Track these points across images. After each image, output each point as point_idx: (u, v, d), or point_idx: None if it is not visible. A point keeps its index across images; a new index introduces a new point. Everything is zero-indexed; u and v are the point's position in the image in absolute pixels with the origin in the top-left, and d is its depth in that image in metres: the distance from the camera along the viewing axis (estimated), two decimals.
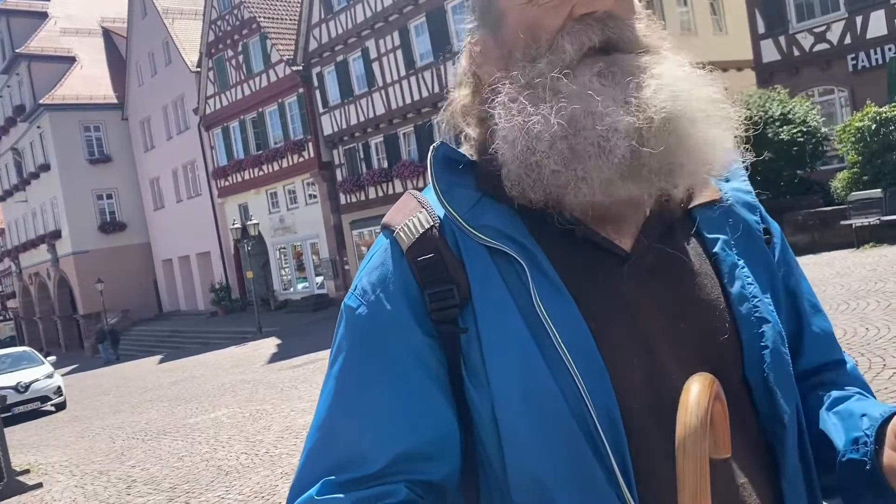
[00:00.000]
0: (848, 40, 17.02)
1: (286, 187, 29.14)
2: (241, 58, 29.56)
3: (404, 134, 24.02)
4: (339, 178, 26.58)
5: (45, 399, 16.73)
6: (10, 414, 15.16)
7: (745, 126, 0.88)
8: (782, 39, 18.05)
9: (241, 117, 30.23)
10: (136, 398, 15.80)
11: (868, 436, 0.83)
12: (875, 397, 0.96)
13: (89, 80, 38.09)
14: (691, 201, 0.91)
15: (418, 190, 0.94)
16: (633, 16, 0.86)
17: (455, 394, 0.85)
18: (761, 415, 0.86)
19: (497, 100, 0.85)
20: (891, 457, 0.77)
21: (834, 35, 17.22)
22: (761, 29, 18.36)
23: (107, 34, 40.31)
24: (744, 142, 0.90)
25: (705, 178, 0.87)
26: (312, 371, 13.36)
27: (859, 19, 16.72)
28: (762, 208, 0.97)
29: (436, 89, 21.86)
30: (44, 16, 39.87)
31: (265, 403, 11.17)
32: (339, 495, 0.80)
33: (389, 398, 0.84)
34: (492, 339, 0.82)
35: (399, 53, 23.25)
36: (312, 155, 26.97)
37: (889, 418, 0.82)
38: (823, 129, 15.72)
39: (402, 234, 0.88)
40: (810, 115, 15.54)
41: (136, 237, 38.48)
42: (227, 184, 31.70)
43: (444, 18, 21.42)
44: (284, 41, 27.45)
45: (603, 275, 0.85)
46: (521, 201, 0.85)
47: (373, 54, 24.15)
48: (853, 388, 0.95)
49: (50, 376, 17.18)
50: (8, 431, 10.36)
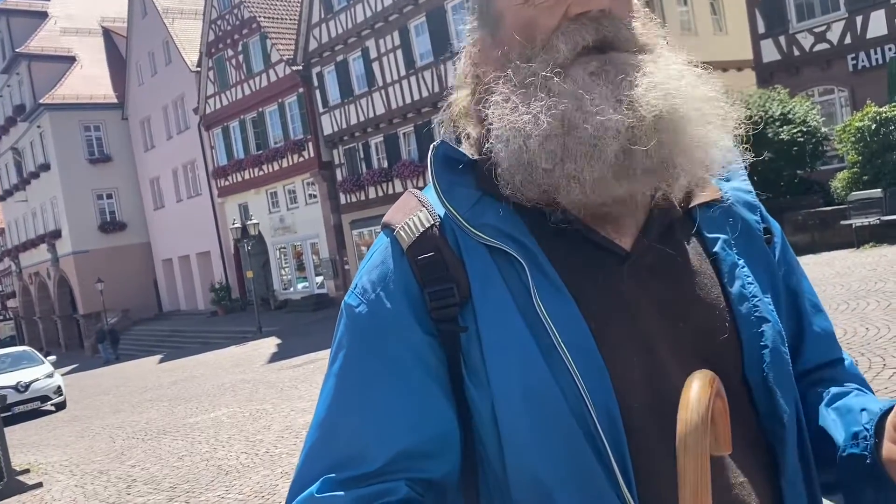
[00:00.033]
0: (848, 40, 17.01)
1: (286, 187, 29.14)
2: (241, 57, 29.56)
3: (404, 134, 24.02)
4: (339, 177, 26.58)
5: (45, 399, 16.73)
6: (10, 413, 15.16)
7: (745, 126, 0.88)
8: (782, 39, 18.05)
9: (241, 117, 30.23)
10: (136, 398, 15.80)
11: (867, 430, 0.83)
12: (874, 394, 0.96)
13: (89, 79, 38.09)
14: (691, 201, 0.91)
15: (418, 189, 0.94)
16: (629, 14, 0.86)
17: (455, 392, 0.85)
18: (761, 414, 0.86)
19: (491, 99, 0.85)
20: (890, 449, 0.77)
21: (834, 35, 17.22)
22: (761, 29, 18.36)
23: (107, 34, 40.31)
24: (743, 141, 0.89)
25: (703, 177, 0.87)
26: (312, 371, 13.35)
27: (859, 19, 16.72)
28: (762, 208, 0.97)
29: (436, 89, 21.85)
30: (44, 15, 39.87)
31: (265, 403, 11.17)
32: (339, 493, 0.80)
33: (389, 396, 0.84)
34: (492, 337, 0.82)
35: (399, 53, 23.25)
36: (312, 155, 26.97)
37: (888, 412, 0.82)
38: (823, 129, 15.72)
39: (402, 232, 0.88)
40: (810, 115, 15.54)
41: (136, 237, 38.48)
42: (227, 183, 31.70)
43: (444, 18, 21.41)
44: (284, 41, 27.44)
45: (603, 274, 0.84)
46: (517, 200, 0.85)
47: (373, 54, 24.14)
48: (852, 385, 0.95)
49: (50, 376, 17.18)
50: (8, 431, 10.35)
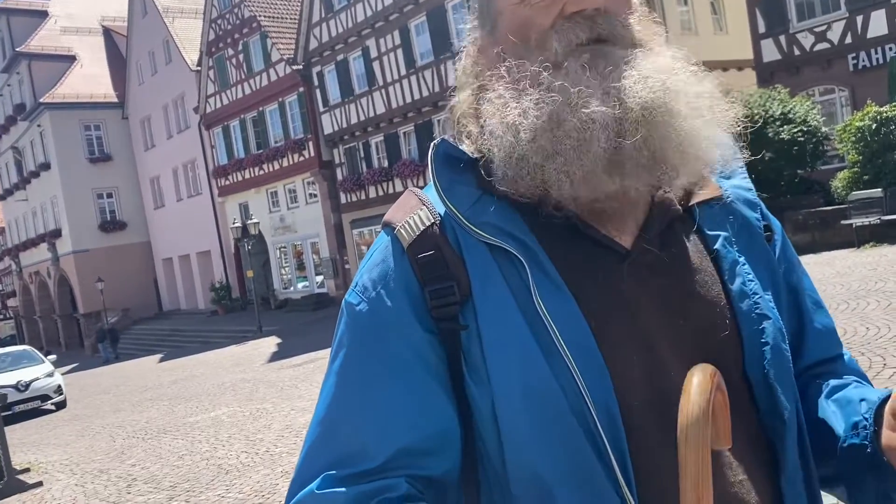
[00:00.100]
0: (849, 40, 17.00)
1: (286, 186, 29.13)
2: (241, 57, 29.55)
3: (405, 133, 24.01)
4: (339, 177, 26.57)
5: (45, 398, 16.73)
6: (10, 412, 15.16)
7: (743, 124, 0.88)
8: (783, 39, 18.04)
9: (242, 116, 30.22)
10: (136, 397, 15.80)
11: (867, 419, 0.84)
12: (873, 386, 0.96)
13: (90, 78, 38.07)
14: (692, 198, 0.91)
15: (419, 188, 0.94)
16: (626, 11, 0.86)
17: (455, 390, 0.85)
18: (761, 411, 0.86)
19: (486, 96, 0.86)
20: (889, 437, 0.77)
21: (834, 34, 17.21)
22: (762, 28, 18.34)
23: (107, 33, 40.29)
24: (742, 139, 0.89)
25: (698, 173, 0.86)
26: (312, 370, 13.35)
27: (860, 19, 16.71)
28: (763, 205, 0.97)
29: (436, 88, 21.86)
30: (44, 14, 39.85)
31: (265, 402, 11.17)
32: (340, 489, 0.80)
33: (390, 394, 0.84)
34: (492, 336, 0.82)
35: (399, 52, 23.24)
36: (313, 154, 26.96)
37: (885, 400, 0.82)
38: (824, 129, 15.71)
39: (402, 231, 0.88)
40: (811, 115, 15.53)
41: (137, 236, 38.46)
42: (227, 183, 31.70)
43: (445, 18, 21.41)
44: (285, 40, 27.44)
45: (603, 272, 0.84)
46: (512, 195, 0.85)
47: (373, 53, 24.14)
48: (850, 377, 0.95)
49: (50, 375, 17.18)
50: (8, 430, 10.36)
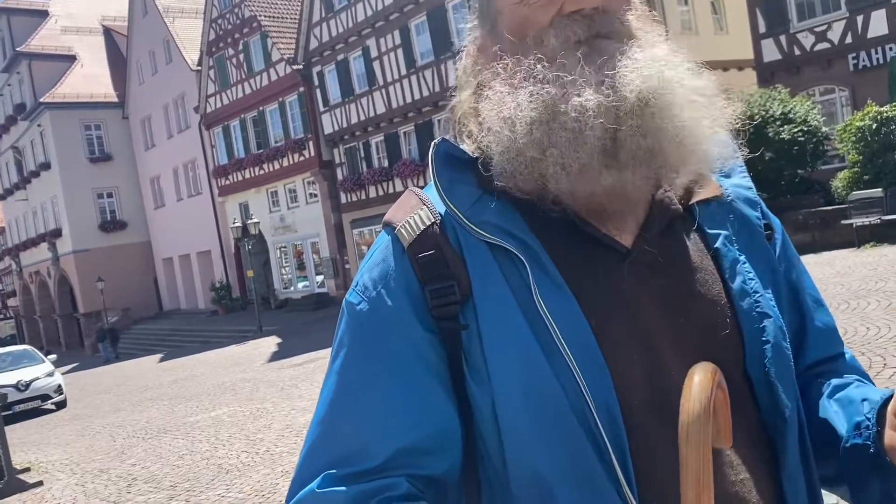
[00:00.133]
0: (849, 40, 16.99)
1: (287, 186, 29.13)
2: (241, 56, 29.55)
3: (405, 133, 24.01)
4: (339, 176, 26.57)
5: (45, 397, 16.73)
6: (10, 412, 15.15)
7: (742, 122, 0.88)
8: (783, 39, 18.03)
9: (242, 116, 30.21)
10: (136, 396, 15.80)
11: (869, 419, 0.84)
12: (874, 385, 0.96)
13: (90, 78, 38.06)
14: (692, 197, 0.91)
15: (419, 188, 0.94)
16: (624, 8, 0.86)
17: (456, 389, 0.85)
18: (762, 409, 0.86)
19: (484, 94, 0.86)
20: (892, 437, 0.77)
21: (835, 34, 17.20)
22: (762, 28, 18.34)
23: (107, 33, 40.28)
24: (740, 136, 0.89)
25: (697, 167, 0.86)
26: (313, 370, 13.36)
27: (860, 18, 16.70)
28: (763, 204, 0.97)
29: (436, 88, 21.85)
30: (44, 14, 39.85)
31: (265, 402, 11.17)
32: (340, 488, 0.80)
33: (390, 393, 0.84)
34: (492, 335, 0.82)
35: (400, 52, 23.24)
36: (313, 154, 26.96)
37: (888, 400, 0.82)
38: (824, 129, 15.70)
39: (403, 231, 0.88)
40: (811, 115, 15.52)
41: (137, 236, 38.46)
42: (227, 182, 31.70)
43: (445, 17, 21.40)
44: (285, 40, 27.43)
45: (603, 271, 0.84)
46: (511, 191, 0.85)
47: (373, 53, 24.13)
48: (852, 376, 0.95)
49: (50, 375, 17.18)
50: (8, 430, 10.36)
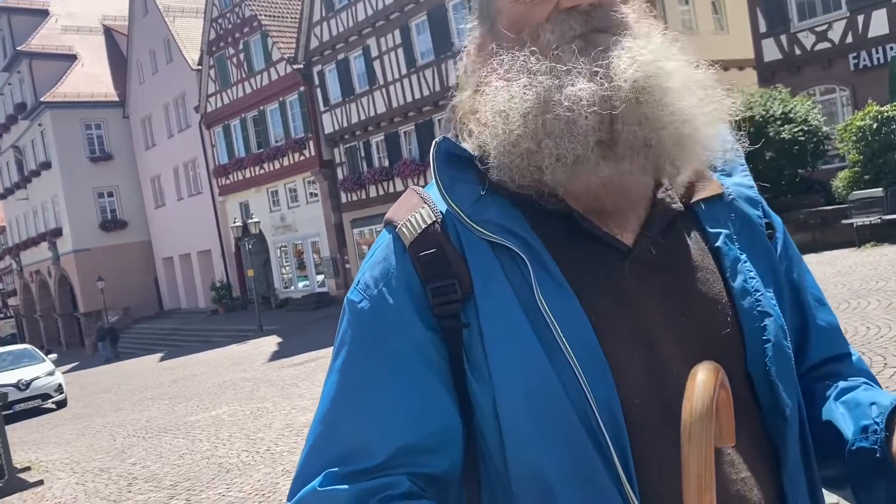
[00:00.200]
0: (849, 39, 16.98)
1: (287, 185, 29.13)
2: (242, 56, 29.54)
3: (405, 132, 24.00)
4: (339, 176, 26.56)
5: (45, 397, 16.73)
6: (11, 411, 15.14)
7: (743, 121, 0.88)
8: (784, 38, 18.02)
9: (242, 115, 30.21)
10: (136, 396, 15.81)
11: (878, 423, 0.83)
12: (882, 389, 0.96)
13: (90, 77, 38.06)
14: (693, 196, 0.91)
15: (420, 187, 0.94)
16: (620, 2, 0.86)
17: (457, 387, 0.85)
18: (763, 408, 0.86)
19: (482, 90, 0.86)
20: None
21: (835, 34, 17.19)
22: (763, 28, 18.33)
23: (108, 32, 40.27)
24: (738, 130, 0.89)
25: (696, 158, 0.86)
26: (313, 369, 13.36)
27: (861, 18, 16.69)
28: (764, 203, 0.96)
29: (437, 88, 21.85)
30: (45, 13, 39.83)
31: (266, 401, 11.17)
32: (342, 486, 0.80)
33: (392, 391, 0.84)
34: (493, 333, 0.82)
35: (400, 52, 23.23)
36: (313, 153, 26.95)
37: None
38: (825, 129, 15.69)
39: (404, 229, 0.88)
40: (811, 114, 15.51)
41: (137, 235, 38.45)
42: (228, 182, 31.70)
43: (446, 17, 21.39)
44: (285, 39, 27.43)
45: (605, 270, 0.84)
46: (508, 186, 0.85)
47: (374, 52, 24.13)
48: (860, 379, 0.95)
49: (51, 374, 17.17)
50: (9, 429, 10.35)
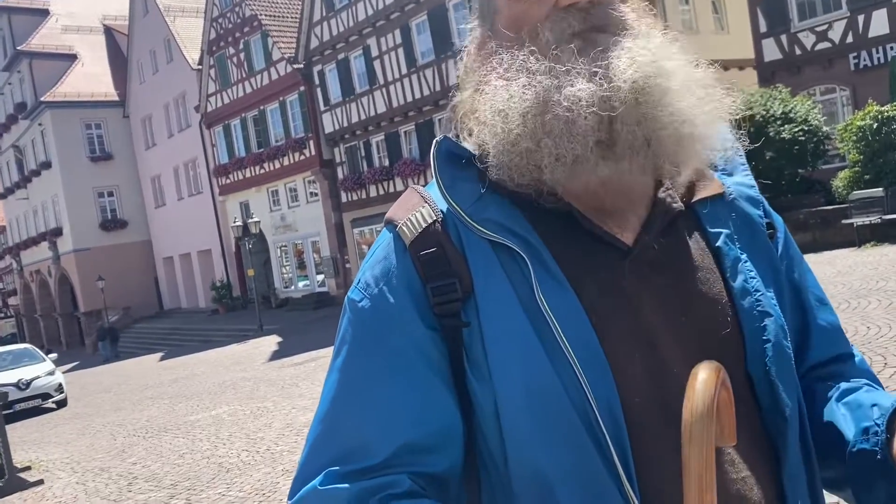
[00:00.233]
0: (850, 39, 16.98)
1: (287, 185, 29.13)
2: (242, 55, 29.54)
3: (405, 132, 24.01)
4: (340, 176, 26.57)
5: (46, 396, 16.73)
6: (11, 411, 15.14)
7: (743, 120, 0.88)
8: (784, 38, 18.02)
9: (243, 115, 30.21)
10: (136, 395, 15.81)
11: (879, 425, 0.83)
12: (884, 390, 0.96)
13: (91, 77, 38.06)
14: (694, 195, 0.91)
15: (421, 186, 0.94)
16: (619, 0, 0.86)
17: (457, 386, 0.85)
18: (763, 408, 0.86)
19: (482, 90, 0.86)
20: None
21: (836, 34, 17.19)
22: (763, 27, 18.33)
23: (108, 32, 40.27)
24: (738, 129, 0.89)
25: (694, 158, 0.85)
26: (313, 368, 13.36)
27: (861, 18, 16.69)
28: (765, 202, 0.96)
29: (437, 87, 21.85)
30: (45, 13, 39.83)
31: (266, 401, 11.17)
32: (343, 485, 0.80)
33: (392, 390, 0.84)
34: (494, 332, 0.82)
35: (400, 51, 23.23)
36: (313, 153, 26.96)
37: None
38: (825, 128, 15.68)
39: (404, 228, 0.88)
40: (812, 114, 15.51)
41: (137, 235, 38.46)
42: (228, 181, 31.70)
43: (446, 16, 21.40)
44: (286, 39, 27.43)
45: (605, 269, 0.84)
46: (508, 185, 0.85)
47: (374, 52, 24.13)
48: (862, 380, 0.95)
49: (51, 373, 17.18)
50: (9, 428, 10.35)
